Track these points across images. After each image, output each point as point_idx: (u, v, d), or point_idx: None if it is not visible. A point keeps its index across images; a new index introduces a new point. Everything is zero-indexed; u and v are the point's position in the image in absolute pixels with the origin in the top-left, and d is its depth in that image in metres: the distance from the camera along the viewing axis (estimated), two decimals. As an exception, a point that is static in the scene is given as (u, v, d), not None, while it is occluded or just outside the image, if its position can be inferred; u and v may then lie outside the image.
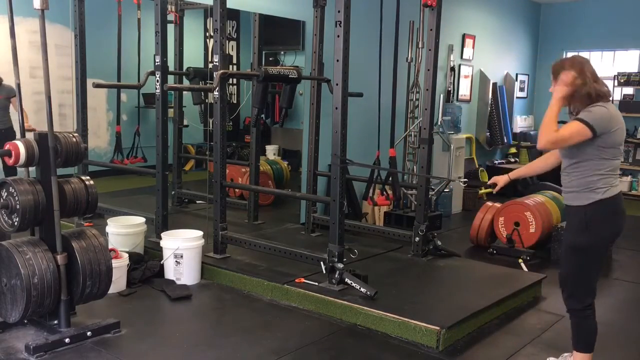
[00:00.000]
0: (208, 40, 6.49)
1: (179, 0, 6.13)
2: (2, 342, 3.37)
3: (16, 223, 3.31)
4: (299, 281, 4.25)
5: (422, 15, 6.53)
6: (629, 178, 9.26)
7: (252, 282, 4.39)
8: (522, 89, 10.17)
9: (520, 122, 10.19)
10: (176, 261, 4.46)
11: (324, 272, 4.18)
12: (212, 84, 4.56)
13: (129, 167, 6.35)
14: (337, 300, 3.97)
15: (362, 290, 3.98)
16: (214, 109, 4.68)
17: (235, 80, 7.43)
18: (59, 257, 3.33)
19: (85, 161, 5.14)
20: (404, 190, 6.47)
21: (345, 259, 4.21)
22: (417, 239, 5.05)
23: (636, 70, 9.34)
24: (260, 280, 4.35)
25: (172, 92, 6.23)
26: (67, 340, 3.35)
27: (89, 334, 3.45)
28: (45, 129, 3.34)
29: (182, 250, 4.45)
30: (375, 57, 5.33)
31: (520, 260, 5.39)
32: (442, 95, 7.98)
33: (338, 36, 4.03)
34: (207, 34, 6.50)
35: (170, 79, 5.67)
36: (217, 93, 4.60)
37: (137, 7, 6.05)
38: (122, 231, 4.71)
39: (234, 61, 7.50)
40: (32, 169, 3.46)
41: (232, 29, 7.31)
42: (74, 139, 3.47)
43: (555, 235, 5.50)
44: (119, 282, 4.18)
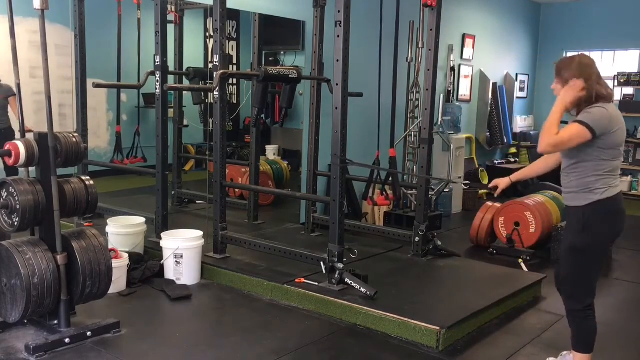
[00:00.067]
0: (208, 40, 6.49)
1: (179, 0, 6.13)
2: (2, 342, 3.37)
3: (16, 223, 3.32)
4: (299, 281, 4.25)
5: (422, 15, 6.53)
6: (629, 178, 9.26)
7: (252, 282, 4.39)
8: (522, 89, 10.17)
9: (520, 122, 10.19)
10: (176, 261, 4.46)
11: (324, 272, 4.18)
12: (212, 84, 4.56)
13: (129, 167, 6.35)
14: (337, 300, 3.97)
15: (362, 290, 3.98)
16: (214, 109, 4.68)
17: (235, 80, 7.43)
18: (59, 257, 3.33)
19: (85, 161, 5.14)
20: (404, 190, 6.47)
21: (345, 259, 4.21)
22: (417, 239, 5.05)
23: (636, 70, 9.34)
24: (260, 280, 4.35)
25: (172, 92, 6.23)
26: (67, 340, 3.36)
27: (89, 334, 3.45)
28: (45, 129, 3.34)
29: (182, 250, 4.45)
30: (375, 57, 5.33)
31: (520, 260, 5.39)
32: (442, 95, 7.98)
33: (338, 36, 4.03)
34: (207, 34, 6.50)
35: (170, 79, 5.67)
36: (217, 93, 4.60)
37: (137, 7, 6.05)
38: (122, 231, 4.71)
39: (234, 61, 7.50)
40: (32, 169, 3.46)
41: (232, 29, 7.31)
42: (74, 139, 3.47)
43: (555, 235, 5.50)
44: (119, 282, 4.18)
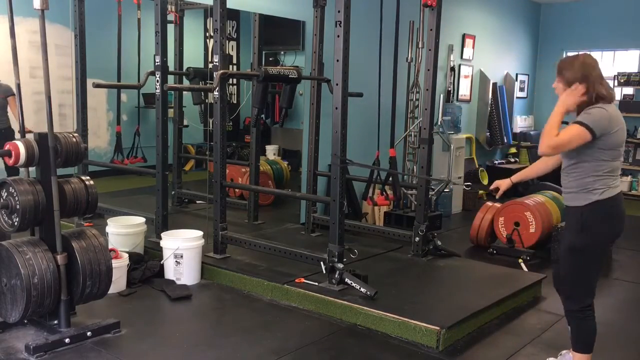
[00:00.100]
0: (208, 40, 6.49)
1: (179, 0, 6.13)
2: (2, 342, 3.37)
3: (16, 223, 3.31)
4: (299, 281, 4.25)
5: (422, 15, 6.53)
6: (629, 178, 9.26)
7: (252, 282, 4.39)
8: (522, 89, 10.17)
9: (520, 122, 10.18)
10: (176, 261, 4.46)
11: (324, 272, 4.18)
12: (212, 84, 4.56)
13: (129, 167, 6.35)
14: (337, 300, 3.97)
15: (362, 290, 3.98)
16: (214, 109, 4.68)
17: (235, 80, 7.43)
18: (59, 257, 3.33)
19: (85, 161, 5.14)
20: (404, 190, 6.47)
21: (345, 259, 4.21)
22: (417, 239, 5.05)
23: (636, 70, 9.34)
24: (260, 280, 4.35)
25: (172, 92, 6.23)
26: (67, 340, 3.35)
27: (89, 334, 3.45)
28: (45, 129, 3.34)
29: (182, 250, 4.45)
30: (375, 57, 5.33)
31: (520, 260, 5.39)
32: (442, 95, 7.98)
33: (338, 36, 4.03)
34: (207, 34, 6.50)
35: (170, 79, 5.67)
36: (217, 93, 4.60)
37: (137, 7, 6.05)
38: (122, 231, 4.71)
39: (234, 61, 7.50)
40: (32, 169, 3.46)
41: (232, 29, 7.31)
42: (74, 139, 3.47)
43: (555, 236, 5.50)
44: (119, 282, 4.18)
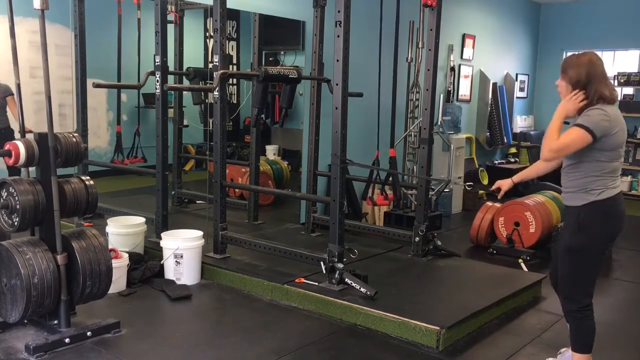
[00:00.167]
0: (208, 40, 6.49)
1: (179, 0, 6.13)
2: (2, 342, 3.37)
3: (16, 223, 3.31)
4: (299, 281, 4.25)
5: (422, 15, 6.53)
6: (629, 178, 9.26)
7: (252, 282, 4.39)
8: (522, 89, 10.17)
9: (520, 122, 10.18)
10: (176, 261, 4.46)
11: (324, 272, 4.18)
12: (212, 84, 4.56)
13: (129, 167, 6.35)
14: (337, 300, 3.96)
15: (362, 290, 3.98)
16: (214, 109, 4.68)
17: (235, 80, 7.43)
18: (59, 257, 3.33)
19: (85, 161, 5.14)
20: (404, 190, 6.47)
21: (345, 259, 4.21)
22: (417, 239, 5.05)
23: (636, 70, 9.34)
24: (260, 280, 4.35)
25: (172, 92, 6.23)
26: (67, 340, 3.35)
27: (89, 334, 3.45)
28: (45, 129, 3.34)
29: (182, 250, 4.45)
30: (375, 57, 5.33)
31: (520, 260, 5.39)
32: (442, 95, 7.98)
33: (338, 36, 4.03)
34: (207, 34, 6.50)
35: (170, 79, 5.67)
36: (217, 93, 4.60)
37: (137, 7, 6.05)
38: (122, 231, 4.71)
39: (234, 61, 7.50)
40: (32, 169, 3.46)
41: (232, 29, 7.31)
42: (74, 139, 3.47)
43: (555, 236, 5.49)
44: (119, 282, 4.18)
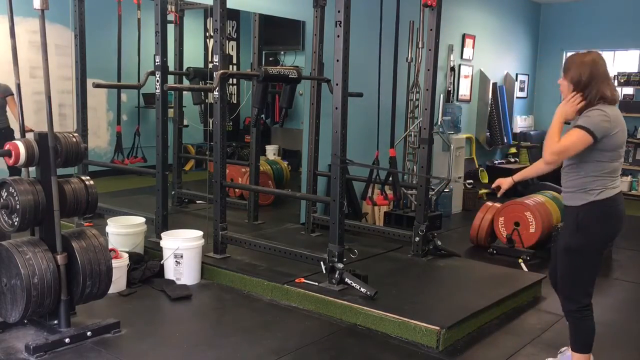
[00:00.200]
0: (208, 40, 6.49)
1: (179, 0, 6.13)
2: (2, 342, 3.37)
3: (16, 223, 3.31)
4: (299, 281, 4.25)
5: (422, 15, 6.53)
6: (629, 178, 9.26)
7: (252, 282, 4.39)
8: (522, 89, 10.17)
9: (520, 122, 10.18)
10: (176, 261, 4.46)
11: (324, 272, 4.18)
12: (212, 84, 4.56)
13: (129, 167, 6.35)
14: (337, 300, 3.96)
15: (362, 290, 3.98)
16: (214, 109, 4.68)
17: (235, 80, 7.42)
18: (59, 257, 3.33)
19: (85, 161, 5.14)
20: (404, 190, 6.47)
21: (345, 259, 4.21)
22: (417, 239, 5.05)
23: (636, 70, 9.34)
24: (260, 280, 4.35)
25: (172, 92, 6.23)
26: (67, 340, 3.35)
27: (89, 334, 3.45)
28: (45, 129, 3.34)
29: (182, 250, 4.45)
30: (375, 57, 5.33)
31: (520, 260, 5.39)
32: (442, 95, 7.98)
33: (338, 36, 4.03)
34: (207, 34, 6.50)
35: (170, 79, 5.67)
36: (217, 93, 4.60)
37: (137, 7, 6.05)
38: (122, 231, 4.71)
39: (234, 61, 7.50)
40: (32, 169, 3.46)
41: (232, 29, 7.31)
42: (74, 139, 3.47)
43: (555, 236, 5.49)
44: (119, 282, 4.18)
